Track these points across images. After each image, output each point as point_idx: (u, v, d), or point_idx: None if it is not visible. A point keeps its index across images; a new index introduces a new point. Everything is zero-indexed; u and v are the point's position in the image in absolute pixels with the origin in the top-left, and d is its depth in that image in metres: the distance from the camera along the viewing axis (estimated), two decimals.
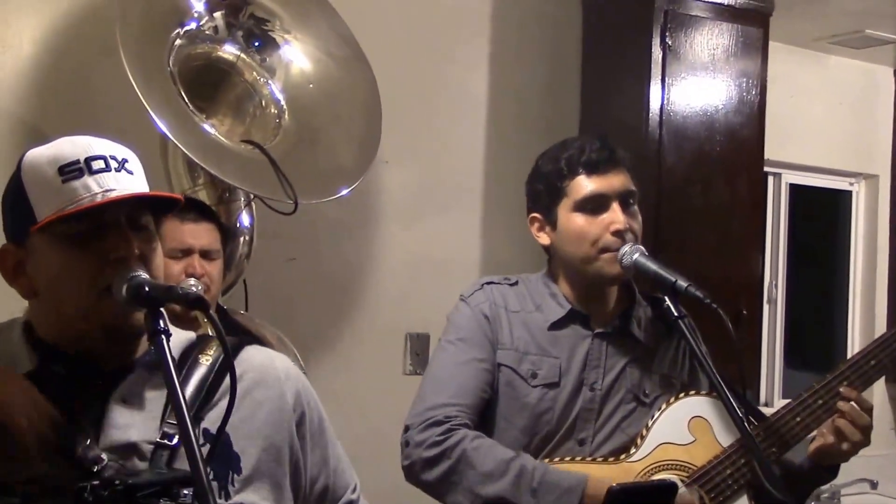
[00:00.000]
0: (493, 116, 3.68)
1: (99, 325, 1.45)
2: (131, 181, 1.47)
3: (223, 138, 2.82)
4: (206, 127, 2.79)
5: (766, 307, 4.72)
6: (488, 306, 2.31)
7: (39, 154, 1.47)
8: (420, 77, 3.39)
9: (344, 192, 2.92)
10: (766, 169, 4.28)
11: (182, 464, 1.37)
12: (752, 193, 3.98)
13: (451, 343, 2.30)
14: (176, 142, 2.53)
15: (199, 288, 2.40)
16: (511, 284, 2.37)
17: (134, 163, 1.50)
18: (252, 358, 1.62)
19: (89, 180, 1.44)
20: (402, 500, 2.28)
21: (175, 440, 1.44)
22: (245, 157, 2.80)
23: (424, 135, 3.34)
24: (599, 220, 2.22)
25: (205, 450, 1.43)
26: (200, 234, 2.45)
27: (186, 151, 2.55)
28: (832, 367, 2.25)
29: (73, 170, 1.44)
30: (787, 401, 3.65)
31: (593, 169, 2.24)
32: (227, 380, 1.51)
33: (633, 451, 2.21)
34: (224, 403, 1.49)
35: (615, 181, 2.24)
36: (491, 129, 3.67)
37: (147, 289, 1.39)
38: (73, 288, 1.44)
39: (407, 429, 2.22)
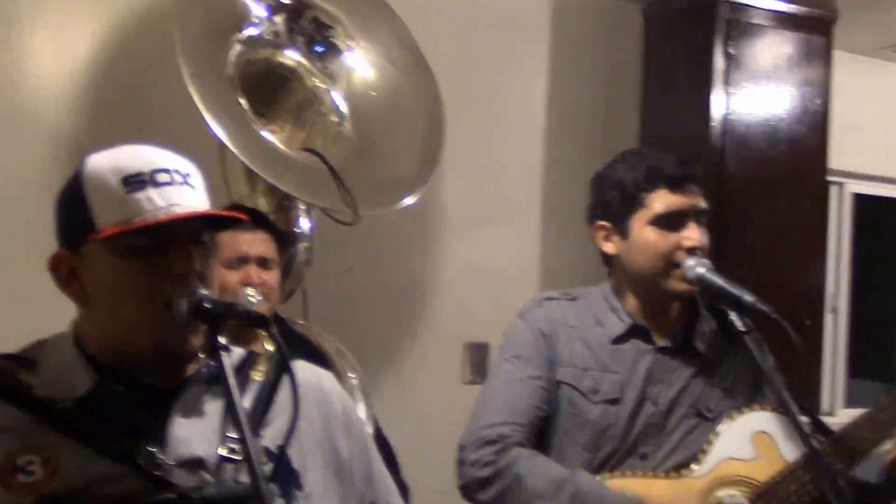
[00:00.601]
0: (551, 126, 3.66)
1: (154, 341, 1.45)
2: (194, 195, 1.47)
3: (282, 146, 2.80)
4: (265, 134, 2.77)
5: (828, 316, 4.64)
6: (546, 323, 2.29)
7: (102, 161, 1.46)
8: (478, 86, 3.38)
9: (405, 202, 2.89)
10: (829, 178, 4.21)
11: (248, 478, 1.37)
12: (814, 203, 3.94)
13: (507, 361, 2.29)
14: (233, 149, 2.51)
15: (258, 297, 2.40)
16: (570, 300, 2.35)
17: (196, 177, 1.50)
18: (300, 377, 1.58)
19: (153, 193, 1.42)
20: None
21: (241, 456, 1.43)
22: (304, 165, 2.78)
23: (482, 144, 3.33)
24: (674, 235, 2.19)
25: (266, 468, 1.43)
26: (256, 243, 2.45)
27: (243, 159, 2.53)
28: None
29: (137, 181, 1.42)
30: (850, 410, 3.57)
31: (676, 184, 2.21)
32: (281, 396, 1.56)
33: (695, 466, 2.19)
34: (279, 420, 1.53)
35: (694, 198, 2.22)
36: (549, 138, 3.65)
37: (208, 305, 1.39)
38: (131, 301, 1.44)
39: (461, 448, 2.22)
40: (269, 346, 2.27)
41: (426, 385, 3.38)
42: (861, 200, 4.84)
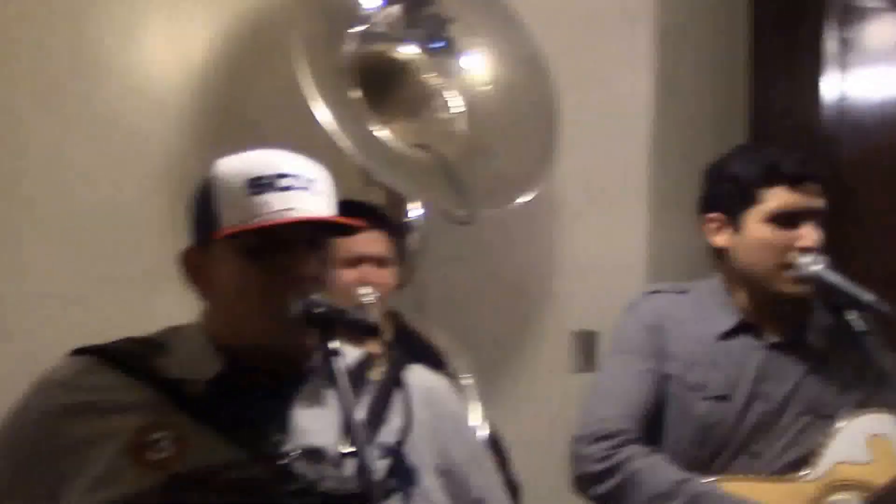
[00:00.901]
0: (657, 117, 3.60)
1: (267, 339, 1.49)
2: (316, 202, 1.49)
3: (395, 142, 2.77)
4: (377, 130, 2.75)
5: None
6: (653, 317, 2.28)
7: (232, 164, 1.52)
8: (583, 77, 3.33)
9: (519, 201, 2.82)
10: None
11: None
12: None
13: (616, 355, 2.30)
14: (346, 146, 2.49)
15: (373, 297, 2.40)
16: (678, 293, 2.33)
17: (323, 183, 1.52)
18: (415, 379, 1.65)
19: (274, 197, 1.46)
20: (573, 498, 2.27)
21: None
22: (417, 162, 2.75)
23: (588, 133, 3.29)
24: (790, 234, 2.16)
25: (384, 462, 1.49)
26: (372, 243, 2.43)
27: (357, 157, 2.51)
28: None
29: (260, 184, 1.46)
30: None
31: (794, 182, 2.17)
32: (399, 396, 1.59)
33: (807, 470, 2.15)
34: (397, 419, 1.56)
35: (812, 198, 2.19)
36: (656, 129, 3.59)
37: (320, 310, 1.41)
38: (247, 300, 1.48)
39: (576, 441, 2.21)
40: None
41: (535, 374, 3.37)
42: None
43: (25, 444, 1.49)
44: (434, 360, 2.57)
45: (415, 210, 2.81)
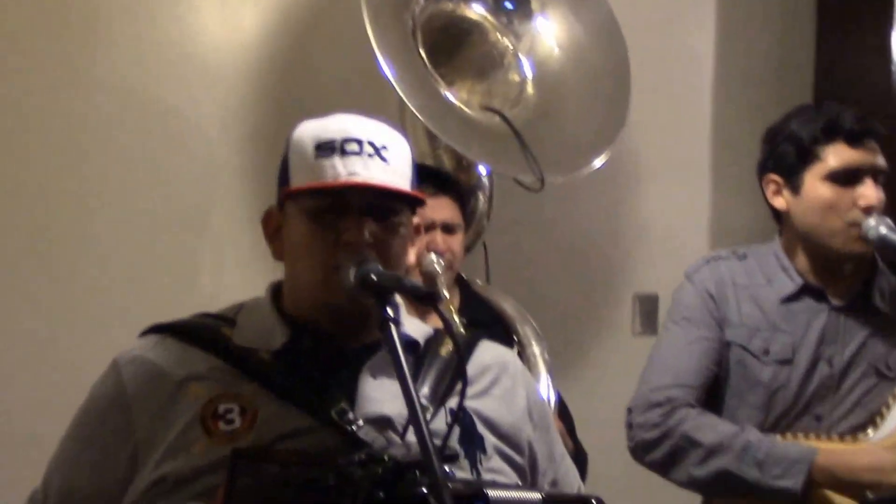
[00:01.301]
0: (720, 77, 3.57)
1: (324, 303, 1.50)
2: (383, 169, 1.48)
3: (464, 106, 2.73)
4: (447, 93, 2.70)
5: None
6: (713, 283, 2.27)
7: (308, 126, 1.53)
8: (645, 39, 3.31)
9: (588, 168, 2.78)
10: None
11: (439, 442, 1.38)
12: None
13: (675, 323, 2.29)
14: (415, 111, 2.47)
15: (441, 264, 2.39)
16: (739, 258, 2.32)
17: (394, 150, 1.51)
18: (485, 354, 1.65)
19: (337, 161, 1.47)
20: (631, 462, 2.30)
21: (429, 417, 1.46)
22: (487, 128, 2.70)
23: (651, 100, 3.27)
24: (849, 192, 2.15)
25: (452, 430, 1.47)
26: (440, 208, 2.42)
27: (426, 122, 2.48)
28: None
29: (327, 147, 1.48)
30: None
31: (855, 139, 2.15)
32: (469, 369, 1.55)
33: (871, 430, 2.15)
34: (468, 390, 1.53)
35: (872, 155, 2.16)
36: (719, 90, 3.57)
37: (374, 277, 1.40)
38: (307, 261, 1.50)
39: (630, 411, 2.24)
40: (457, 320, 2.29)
41: (597, 337, 3.39)
42: None
43: (101, 419, 1.51)
44: (502, 328, 2.58)
45: (484, 174, 2.80)
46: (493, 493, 1.31)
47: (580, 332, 3.37)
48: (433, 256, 2.39)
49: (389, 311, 1.36)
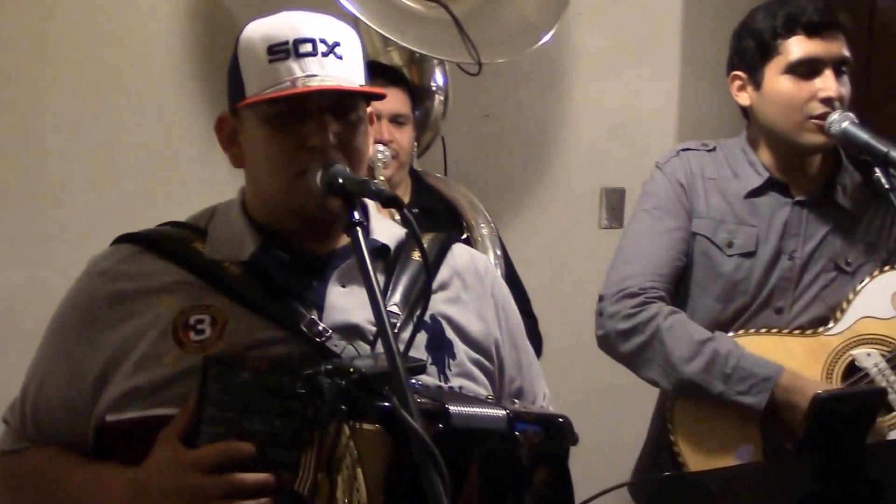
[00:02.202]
0: None
1: (292, 208, 1.48)
2: (338, 67, 1.46)
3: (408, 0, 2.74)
4: None
5: None
6: (684, 174, 2.26)
7: (255, 28, 1.48)
8: None
9: (530, 49, 2.81)
10: None
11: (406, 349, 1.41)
12: None
13: (646, 212, 2.28)
14: (351, 9, 2.46)
15: (388, 154, 2.41)
16: (709, 150, 2.31)
17: (347, 46, 1.48)
18: (457, 258, 1.65)
19: (293, 64, 1.43)
20: (599, 355, 2.30)
21: (398, 325, 1.47)
22: (428, 18, 2.71)
23: None
24: (809, 85, 2.13)
25: (420, 337, 1.50)
26: (389, 100, 2.40)
27: (361, 16, 2.47)
28: None
29: (280, 50, 1.44)
30: None
31: (814, 30, 2.13)
32: (442, 274, 1.59)
33: (831, 324, 2.17)
34: (437, 296, 1.56)
35: (833, 46, 2.13)
36: None
37: (341, 181, 1.38)
38: (270, 168, 1.48)
39: (601, 298, 2.23)
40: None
41: (562, 230, 3.39)
42: None
43: (74, 330, 1.51)
44: (453, 215, 2.62)
45: (437, 71, 2.81)
46: (455, 409, 1.31)
47: (546, 225, 3.36)
48: (380, 147, 2.41)
49: (356, 214, 1.35)
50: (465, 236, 2.59)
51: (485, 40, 2.70)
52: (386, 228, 1.60)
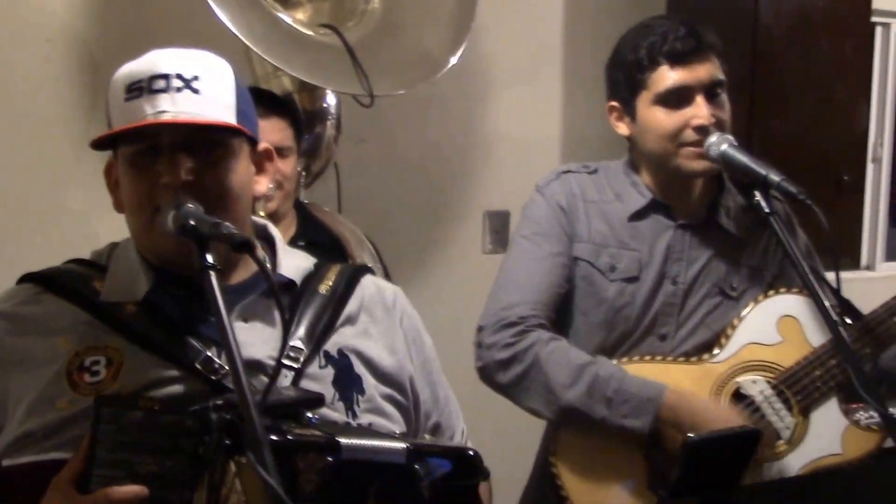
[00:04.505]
0: None
1: (152, 248, 1.48)
2: (192, 101, 1.42)
3: (297, 24, 2.66)
4: (278, 14, 2.64)
5: (870, 166, 4.48)
6: (564, 197, 2.21)
7: (124, 68, 1.47)
8: None
9: (429, 79, 2.76)
10: (873, 19, 3.98)
11: (309, 384, 1.44)
12: (858, 48, 3.72)
13: (525, 238, 2.22)
14: (237, 32, 2.38)
15: (271, 186, 2.32)
16: (590, 172, 2.26)
17: (208, 79, 1.45)
18: (366, 289, 1.63)
19: (145, 101, 1.42)
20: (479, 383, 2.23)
21: (300, 362, 1.47)
22: (320, 44, 2.64)
23: (499, 6, 3.18)
24: (681, 114, 2.08)
25: (327, 371, 1.50)
26: (269, 131, 2.33)
27: (248, 43, 2.40)
28: None
29: (136, 88, 1.42)
30: (891, 264, 3.37)
31: (677, 59, 2.07)
32: (350, 307, 1.59)
33: (716, 350, 2.13)
34: (345, 330, 1.56)
35: (700, 72, 2.08)
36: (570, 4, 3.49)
37: (192, 222, 1.34)
38: (130, 207, 1.47)
39: (480, 329, 2.17)
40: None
41: (447, 255, 3.35)
42: None
43: None
44: (339, 251, 2.55)
45: (329, 95, 2.75)
46: (347, 441, 1.29)
47: (430, 251, 3.31)
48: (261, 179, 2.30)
49: (210, 258, 1.31)
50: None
51: (379, 69, 2.63)
52: (293, 262, 1.59)
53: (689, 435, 1.84)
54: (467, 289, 3.15)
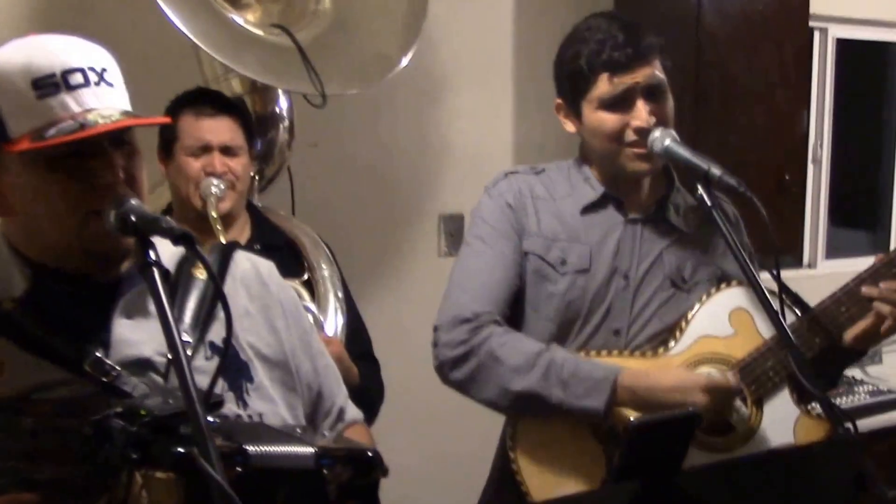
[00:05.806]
0: None
1: (83, 249, 1.41)
2: (112, 95, 1.40)
3: (248, 25, 2.64)
4: (228, 13, 2.61)
5: (810, 167, 4.58)
6: (512, 195, 2.24)
7: (10, 59, 1.37)
8: None
9: (382, 79, 2.74)
10: (811, 24, 4.07)
11: (196, 378, 1.29)
12: (797, 52, 3.80)
13: (476, 238, 2.24)
14: (185, 31, 2.35)
15: (222, 187, 2.33)
16: (536, 173, 2.29)
17: (113, 71, 1.42)
18: (238, 266, 1.60)
19: (67, 98, 1.35)
20: (435, 384, 2.24)
21: (189, 353, 1.42)
22: (271, 44, 2.61)
23: (450, 10, 3.20)
24: (623, 116, 2.12)
25: (213, 363, 1.43)
26: (219, 130, 2.35)
27: (196, 41, 2.37)
28: (878, 225, 2.15)
29: (48, 84, 1.35)
30: (831, 261, 3.42)
31: (616, 68, 2.10)
32: (227, 290, 1.53)
33: (671, 344, 2.16)
34: (224, 316, 1.46)
35: (639, 75, 2.11)
36: (520, 2, 3.51)
37: (133, 218, 1.31)
38: (52, 213, 1.38)
39: (436, 329, 2.18)
40: (223, 239, 2.23)
41: (403, 259, 3.34)
42: (845, 45, 4.70)
43: None
44: (294, 254, 2.54)
45: (282, 98, 2.72)
46: (254, 449, 1.25)
47: (386, 255, 3.30)
48: (214, 180, 2.33)
49: (152, 254, 1.28)
50: (305, 277, 2.50)
51: (331, 69, 2.61)
52: (165, 251, 1.49)
53: (630, 419, 1.88)
54: (423, 292, 3.15)
